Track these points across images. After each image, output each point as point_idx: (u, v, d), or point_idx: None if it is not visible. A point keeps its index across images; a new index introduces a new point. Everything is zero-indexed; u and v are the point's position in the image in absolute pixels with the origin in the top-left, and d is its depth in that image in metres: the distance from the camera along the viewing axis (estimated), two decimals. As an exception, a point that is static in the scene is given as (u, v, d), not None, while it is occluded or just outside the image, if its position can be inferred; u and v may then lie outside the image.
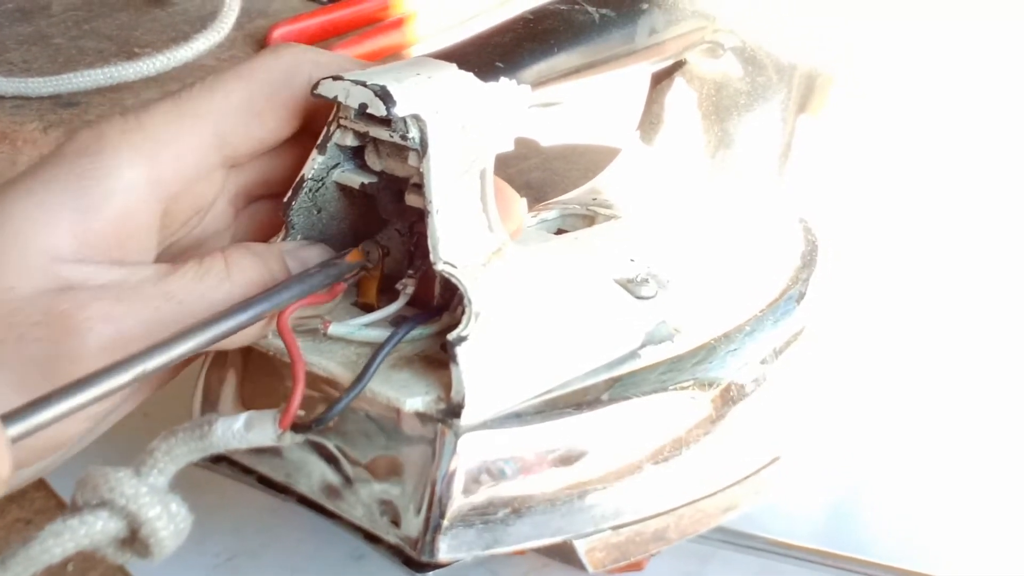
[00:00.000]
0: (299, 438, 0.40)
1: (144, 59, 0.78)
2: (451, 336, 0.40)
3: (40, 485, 0.50)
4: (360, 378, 0.41)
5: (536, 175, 0.66)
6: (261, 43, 0.82)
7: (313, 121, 0.44)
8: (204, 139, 0.42)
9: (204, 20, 0.83)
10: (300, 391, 0.40)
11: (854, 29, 0.62)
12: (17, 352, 0.38)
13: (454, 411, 0.41)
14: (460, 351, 0.40)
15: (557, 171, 0.67)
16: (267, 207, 0.47)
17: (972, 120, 0.77)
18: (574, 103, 0.49)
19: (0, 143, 0.72)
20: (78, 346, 0.37)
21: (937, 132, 0.75)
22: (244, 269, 0.41)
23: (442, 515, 0.41)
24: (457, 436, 0.41)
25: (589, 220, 0.54)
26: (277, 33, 0.82)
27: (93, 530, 0.33)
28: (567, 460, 0.44)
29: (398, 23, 0.83)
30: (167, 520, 0.34)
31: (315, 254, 0.44)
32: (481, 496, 0.42)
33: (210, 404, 0.48)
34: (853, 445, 0.55)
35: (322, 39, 0.82)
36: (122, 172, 0.40)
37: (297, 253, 0.43)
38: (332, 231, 0.47)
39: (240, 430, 0.38)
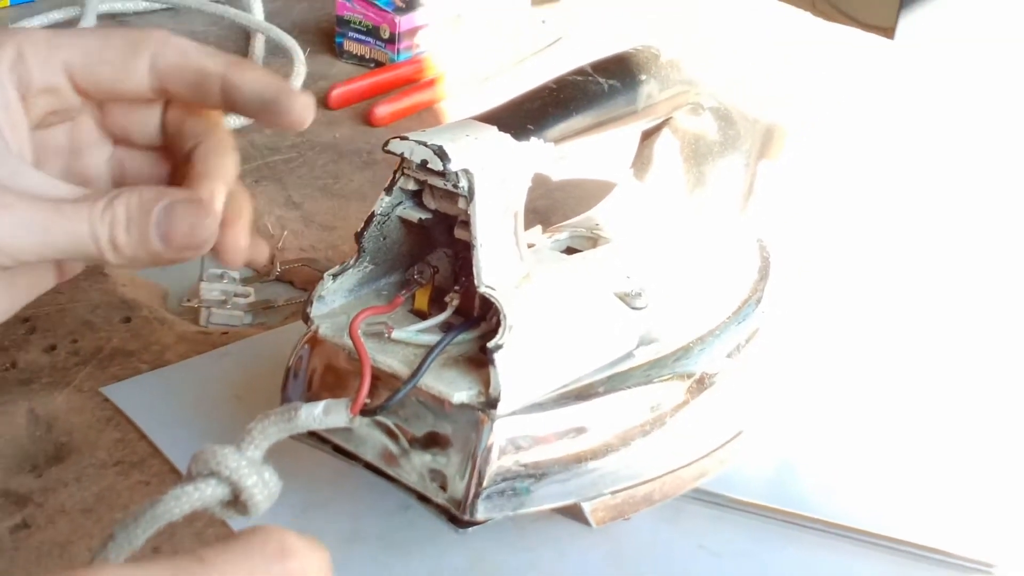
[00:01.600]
0: (366, 420, 0.41)
1: (228, 114, 0.76)
2: (490, 344, 0.41)
3: (156, 453, 0.51)
4: (416, 373, 0.42)
5: (541, 203, 0.67)
6: (323, 100, 0.82)
7: (164, 91, 0.40)
8: (56, 59, 0.38)
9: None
10: (367, 384, 0.41)
11: (805, 93, 0.63)
12: None
13: (492, 403, 0.42)
14: (497, 357, 0.41)
15: (557, 199, 0.67)
16: (133, 155, 0.43)
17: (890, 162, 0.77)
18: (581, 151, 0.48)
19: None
20: None
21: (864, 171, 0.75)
22: (114, 211, 0.36)
23: (481, 483, 0.42)
24: (493, 422, 0.42)
25: (592, 242, 0.54)
26: (335, 92, 0.82)
27: (204, 495, 0.33)
28: (576, 440, 0.45)
29: (431, 83, 0.84)
30: (262, 487, 0.34)
31: (184, 223, 0.37)
32: (511, 469, 0.43)
33: (293, 392, 0.48)
34: (797, 420, 0.55)
35: (371, 96, 0.82)
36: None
37: (168, 212, 0.37)
38: (393, 254, 0.48)
39: (319, 414, 0.38)
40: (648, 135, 0.56)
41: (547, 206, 0.67)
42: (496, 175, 0.41)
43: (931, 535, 0.48)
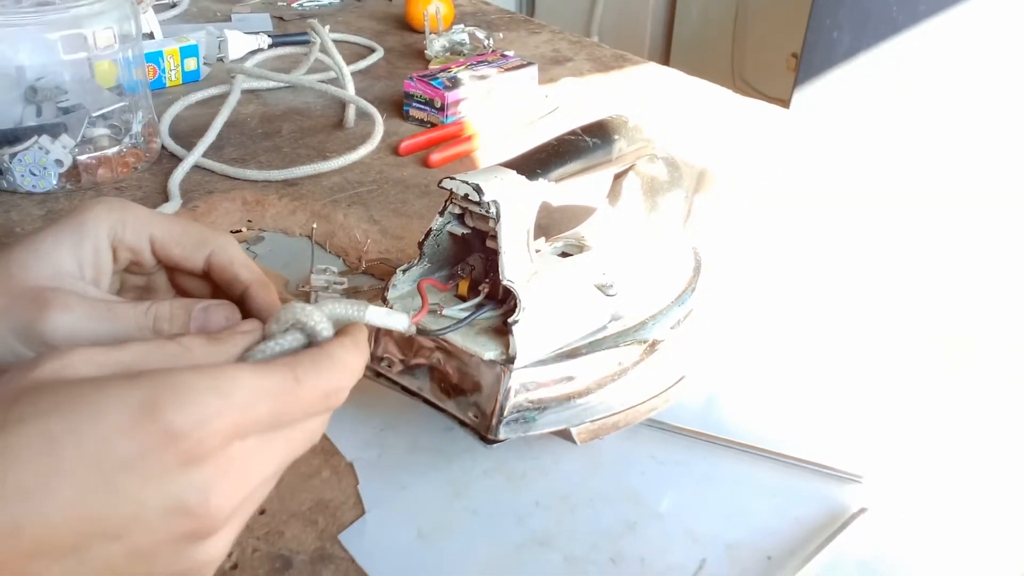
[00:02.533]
0: (413, 328, 0.37)
1: (332, 159, 0.76)
2: (510, 320, 0.42)
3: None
4: (460, 322, 0.43)
5: (544, 221, 0.66)
6: (395, 149, 0.81)
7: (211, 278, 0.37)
8: (145, 231, 0.36)
9: (364, 137, 0.82)
10: (425, 308, 0.42)
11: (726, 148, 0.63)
12: (8, 314, 0.33)
13: (510, 360, 0.42)
14: (515, 329, 0.42)
15: (555, 219, 0.67)
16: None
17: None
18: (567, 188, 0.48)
19: (255, 206, 0.72)
20: (42, 317, 0.33)
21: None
22: (158, 309, 0.34)
23: (502, 413, 0.42)
24: (511, 373, 0.42)
25: (579, 249, 0.54)
26: (403, 144, 0.81)
27: (285, 344, 0.30)
28: (567, 385, 0.45)
29: (469, 138, 0.83)
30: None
31: (220, 315, 0.35)
32: (522, 404, 0.43)
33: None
34: (719, 371, 0.54)
35: (428, 147, 0.82)
36: (98, 226, 0.35)
37: (206, 311, 0.35)
38: (443, 256, 0.48)
39: (384, 313, 0.34)
40: (619, 176, 0.56)
41: (548, 223, 0.67)
42: (515, 204, 0.42)
43: (815, 453, 0.48)
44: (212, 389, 0.26)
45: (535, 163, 0.44)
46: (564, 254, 0.54)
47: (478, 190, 0.40)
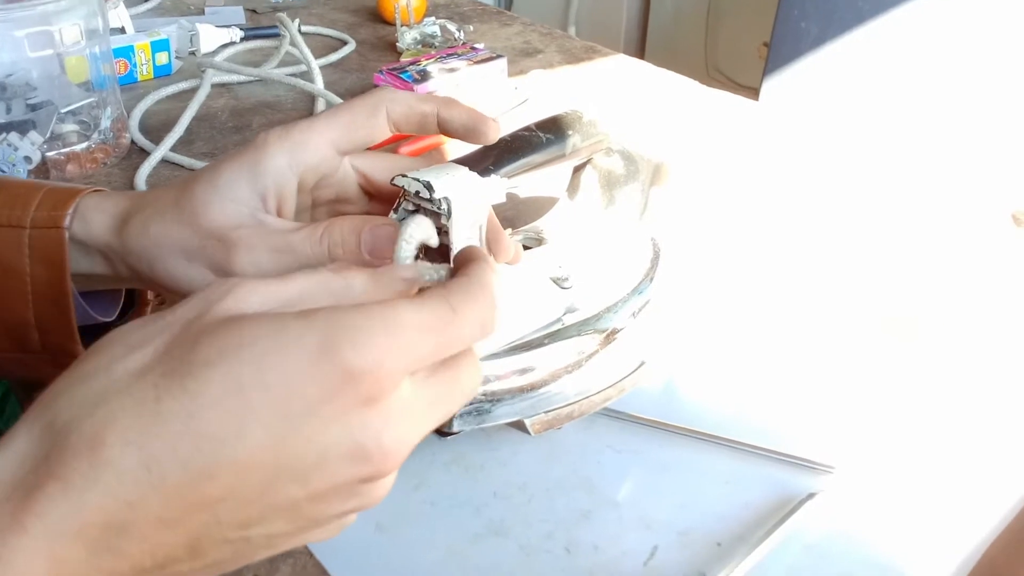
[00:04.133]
0: None
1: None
2: None
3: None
4: None
5: (510, 212, 0.66)
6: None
7: (401, 132, 0.41)
8: (322, 142, 0.39)
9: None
10: None
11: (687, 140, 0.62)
12: (202, 253, 0.36)
13: None
14: None
15: (520, 210, 0.66)
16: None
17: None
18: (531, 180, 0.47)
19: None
20: (230, 259, 0.36)
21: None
22: (331, 235, 0.37)
23: None
24: None
25: (539, 242, 0.54)
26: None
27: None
28: (523, 377, 0.45)
29: None
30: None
31: (384, 234, 0.37)
32: (478, 396, 0.43)
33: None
34: (676, 358, 0.54)
35: (397, 140, 0.78)
36: (274, 159, 0.37)
37: (373, 233, 0.37)
38: None
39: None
40: (577, 169, 0.56)
41: (514, 215, 0.67)
42: (466, 200, 0.41)
43: (768, 439, 0.48)
44: (382, 329, 0.25)
45: (488, 159, 0.44)
46: (525, 247, 0.53)
47: (429, 187, 0.40)
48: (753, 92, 1.75)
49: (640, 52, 2.59)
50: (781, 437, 0.48)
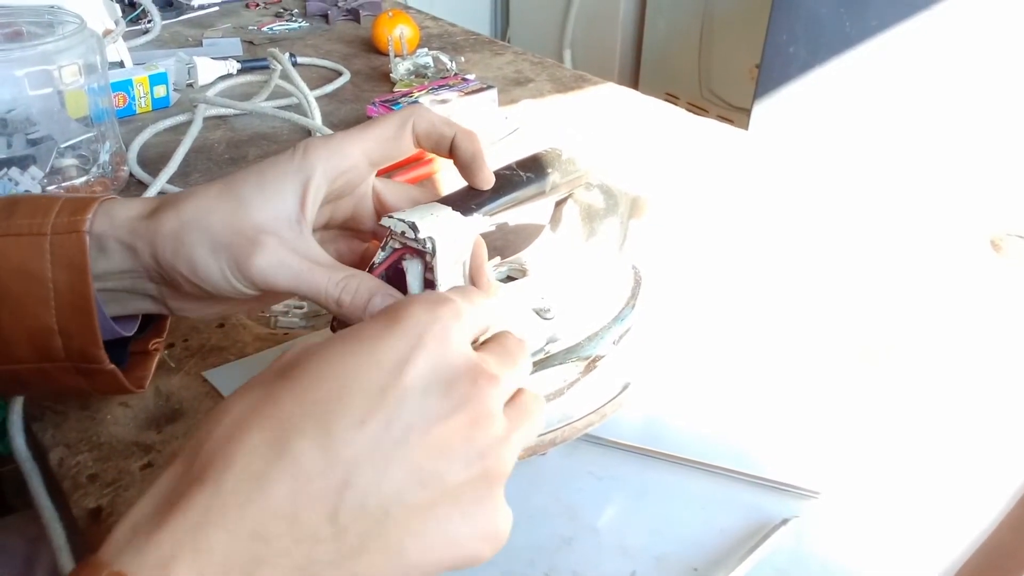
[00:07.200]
0: None
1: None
2: None
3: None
4: None
5: (499, 242, 0.67)
6: None
7: (421, 147, 0.44)
8: (356, 152, 0.42)
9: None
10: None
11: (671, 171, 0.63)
12: (227, 248, 0.38)
13: None
14: None
15: (508, 239, 0.67)
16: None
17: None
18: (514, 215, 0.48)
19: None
20: (249, 260, 0.38)
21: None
22: (348, 283, 0.40)
23: None
24: None
25: (522, 273, 0.54)
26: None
27: None
28: None
29: (430, 161, 0.82)
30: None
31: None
32: None
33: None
34: (659, 385, 0.55)
35: (391, 170, 0.79)
36: (316, 162, 0.40)
37: (385, 299, 0.41)
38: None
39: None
40: (559, 203, 0.57)
41: (503, 244, 0.68)
42: (449, 239, 0.42)
43: (746, 464, 0.48)
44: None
45: (470, 198, 0.45)
46: (510, 278, 0.55)
47: (414, 228, 0.41)
48: (746, 113, 1.78)
49: (635, 74, 2.63)
50: (760, 462, 0.49)
